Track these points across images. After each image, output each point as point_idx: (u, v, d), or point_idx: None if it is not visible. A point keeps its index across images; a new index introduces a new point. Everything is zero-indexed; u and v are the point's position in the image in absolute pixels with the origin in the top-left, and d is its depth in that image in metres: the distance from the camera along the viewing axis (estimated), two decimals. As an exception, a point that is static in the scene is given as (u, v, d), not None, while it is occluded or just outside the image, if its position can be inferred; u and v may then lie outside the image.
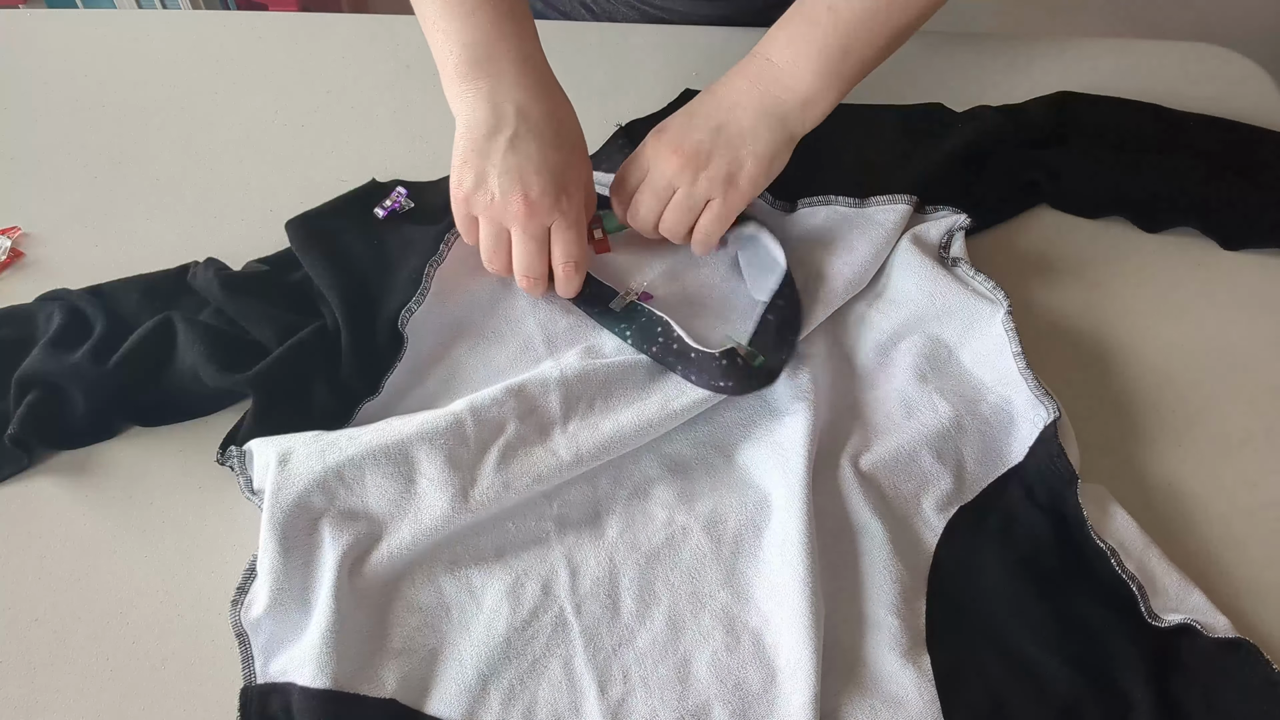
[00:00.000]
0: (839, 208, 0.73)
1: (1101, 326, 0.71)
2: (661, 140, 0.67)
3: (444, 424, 0.59)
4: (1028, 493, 0.61)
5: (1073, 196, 0.77)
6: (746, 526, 0.60)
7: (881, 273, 0.70)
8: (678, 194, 0.67)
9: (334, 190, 0.75)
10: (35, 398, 0.63)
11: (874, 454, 0.62)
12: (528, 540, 0.59)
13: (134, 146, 0.84)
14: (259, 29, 0.95)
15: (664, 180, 0.67)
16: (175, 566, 0.60)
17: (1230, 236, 0.75)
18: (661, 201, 0.67)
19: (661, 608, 0.57)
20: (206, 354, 0.64)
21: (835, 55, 0.66)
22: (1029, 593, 0.57)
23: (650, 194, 0.67)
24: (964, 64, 0.90)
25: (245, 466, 0.61)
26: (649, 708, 0.53)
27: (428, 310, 0.67)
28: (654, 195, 0.67)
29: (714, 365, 0.63)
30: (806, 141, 0.69)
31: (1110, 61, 0.89)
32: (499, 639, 0.55)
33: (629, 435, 0.61)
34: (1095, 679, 0.54)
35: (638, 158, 0.68)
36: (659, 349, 0.65)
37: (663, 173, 0.66)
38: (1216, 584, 0.58)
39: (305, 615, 0.55)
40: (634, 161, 0.69)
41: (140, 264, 0.72)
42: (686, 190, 0.66)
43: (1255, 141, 0.82)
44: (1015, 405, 0.63)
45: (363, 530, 0.57)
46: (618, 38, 0.92)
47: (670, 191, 0.67)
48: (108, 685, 0.55)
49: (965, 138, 0.77)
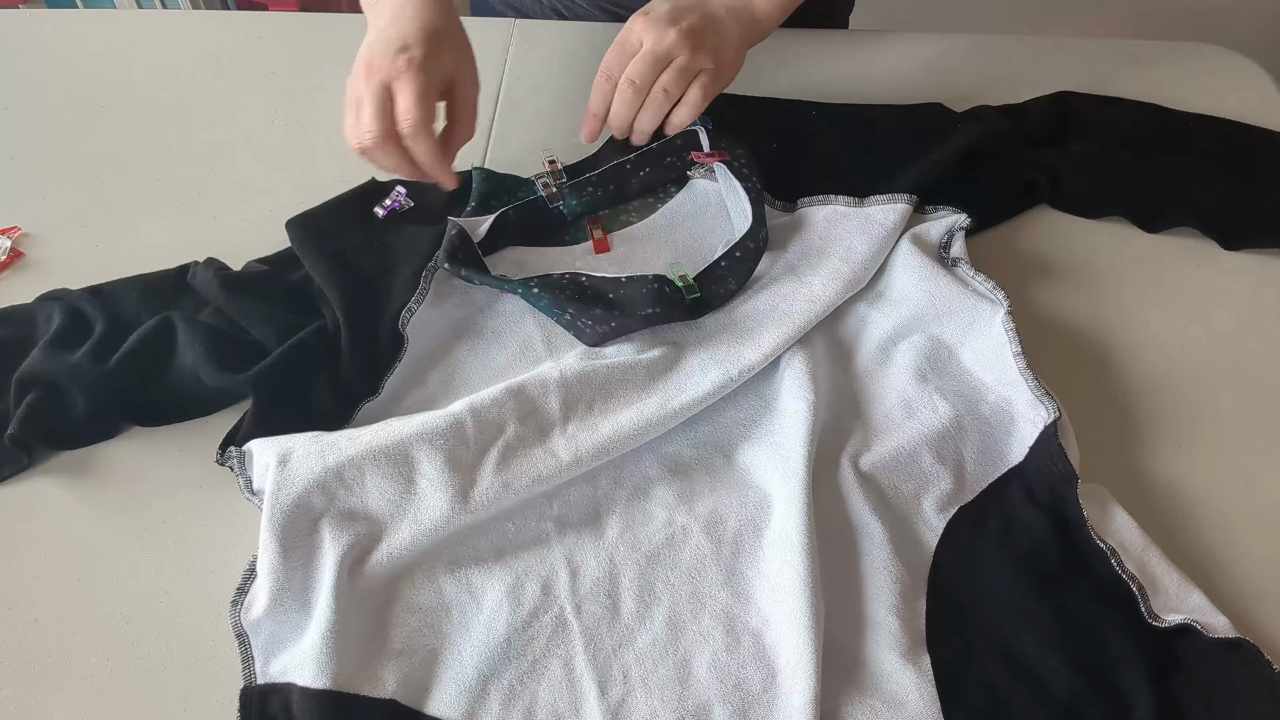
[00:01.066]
0: (839, 207, 0.73)
1: (1101, 326, 0.71)
2: (656, 15, 0.70)
3: (444, 424, 0.59)
4: (1028, 493, 0.61)
5: (1073, 196, 0.77)
6: (746, 526, 0.60)
7: (881, 273, 0.70)
8: (677, 60, 0.70)
9: (334, 190, 0.75)
10: (35, 398, 0.63)
11: (874, 454, 0.62)
12: (528, 540, 0.59)
13: (134, 146, 0.84)
14: (259, 29, 0.95)
15: (663, 48, 0.69)
16: (175, 567, 0.60)
17: (1230, 236, 0.75)
18: (659, 68, 0.70)
19: (661, 608, 0.57)
20: (206, 354, 0.64)
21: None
22: (1029, 593, 0.57)
23: (650, 61, 0.70)
24: (964, 64, 0.90)
25: (245, 467, 0.61)
26: (649, 708, 0.53)
27: (428, 310, 0.67)
28: (654, 61, 0.70)
29: (642, 292, 0.65)
30: (807, 141, 0.69)
31: (1110, 61, 0.89)
32: (499, 639, 0.55)
33: (628, 436, 0.61)
34: (1095, 679, 0.54)
35: (627, 37, 0.71)
36: (569, 295, 0.66)
37: (661, 41, 0.69)
38: (1216, 584, 0.58)
39: (305, 615, 0.55)
40: (624, 41, 0.71)
41: (140, 264, 0.72)
42: (687, 57, 0.70)
43: (1255, 141, 0.82)
44: (1015, 405, 0.63)
45: (362, 530, 0.57)
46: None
47: (669, 59, 0.70)
48: (108, 685, 0.55)
49: (965, 138, 0.77)
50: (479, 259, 0.69)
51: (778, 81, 0.85)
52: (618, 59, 0.71)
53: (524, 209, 0.74)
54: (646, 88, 0.71)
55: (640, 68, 0.70)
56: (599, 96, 0.72)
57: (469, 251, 0.69)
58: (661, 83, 0.70)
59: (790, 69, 0.87)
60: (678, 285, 0.67)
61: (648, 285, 0.66)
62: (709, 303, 0.67)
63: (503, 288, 0.68)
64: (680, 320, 0.66)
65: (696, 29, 0.70)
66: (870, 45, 0.91)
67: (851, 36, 0.93)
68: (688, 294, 0.67)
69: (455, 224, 0.70)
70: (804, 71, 0.88)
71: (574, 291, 0.66)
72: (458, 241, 0.69)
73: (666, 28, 0.69)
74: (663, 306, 0.65)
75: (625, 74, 0.70)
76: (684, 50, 0.69)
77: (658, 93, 0.71)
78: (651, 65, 0.70)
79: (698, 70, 0.71)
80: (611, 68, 0.71)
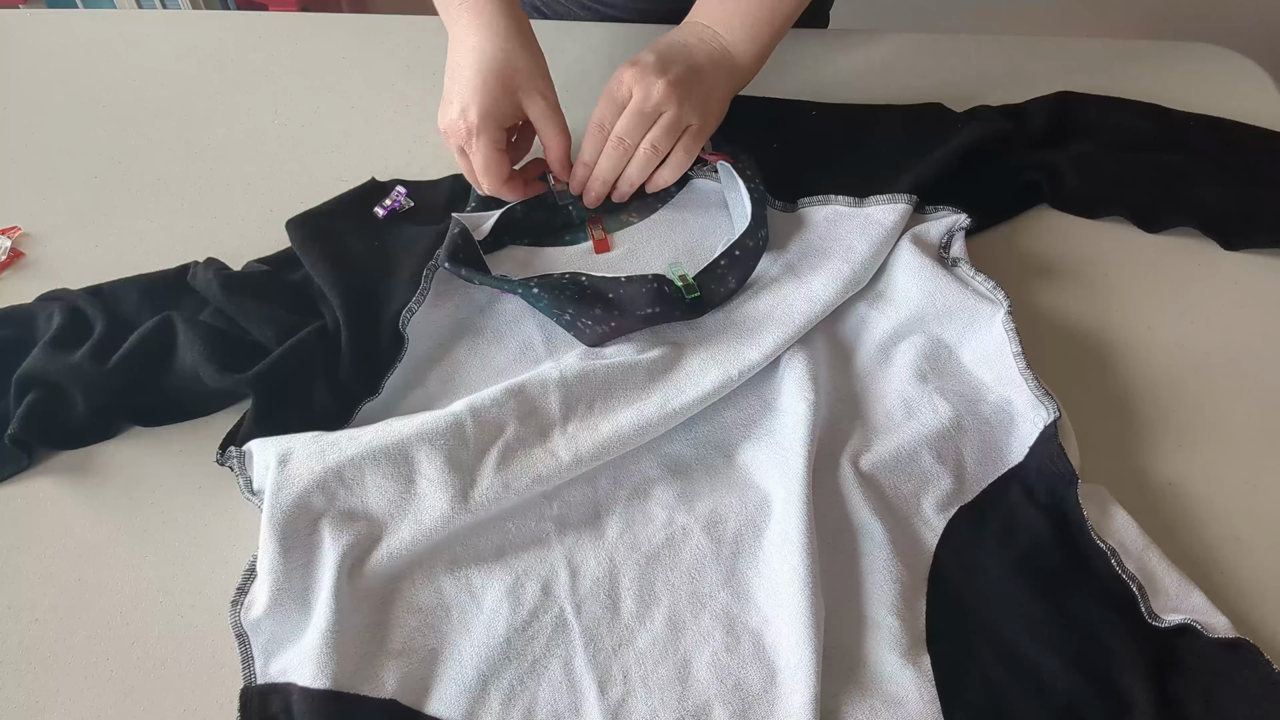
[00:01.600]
0: (839, 207, 0.73)
1: (1101, 326, 0.71)
2: (644, 66, 0.70)
3: (444, 424, 0.59)
4: (1028, 493, 0.61)
5: (1073, 196, 0.77)
6: (746, 527, 0.60)
7: (881, 273, 0.70)
8: (665, 116, 0.70)
9: (334, 190, 0.75)
10: (35, 398, 0.63)
11: (874, 454, 0.62)
12: (528, 541, 0.59)
13: (134, 146, 0.84)
14: (259, 29, 0.95)
15: (651, 104, 0.69)
16: (175, 566, 0.60)
17: (1230, 236, 0.75)
18: (646, 124, 0.70)
19: (661, 608, 0.57)
20: (206, 354, 0.64)
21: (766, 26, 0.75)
22: (1029, 593, 0.57)
23: (638, 117, 0.70)
24: (964, 64, 0.90)
25: (245, 467, 0.61)
26: (649, 708, 0.53)
27: (428, 311, 0.67)
28: (642, 117, 0.70)
29: (642, 292, 0.65)
30: (807, 141, 0.69)
31: (1110, 61, 0.89)
32: (499, 639, 0.55)
33: (628, 436, 0.61)
34: (1095, 679, 0.54)
35: (617, 89, 0.71)
36: (569, 295, 0.65)
37: (649, 96, 0.69)
38: (1216, 584, 0.58)
39: (305, 615, 0.55)
40: (613, 92, 0.71)
41: (140, 264, 0.72)
42: (674, 113, 0.70)
43: (1255, 141, 0.82)
44: (1015, 405, 0.63)
45: (363, 530, 0.57)
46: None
47: (657, 114, 0.70)
48: (108, 685, 0.55)
49: (965, 138, 0.77)
50: (480, 258, 0.69)
51: (779, 82, 0.85)
52: (609, 110, 0.71)
53: (532, 205, 0.74)
54: (635, 145, 0.71)
55: (629, 125, 0.70)
56: (591, 147, 0.72)
57: (471, 250, 0.69)
58: (650, 139, 0.71)
59: (790, 69, 0.87)
60: (678, 285, 0.67)
61: (648, 285, 0.66)
62: (709, 302, 0.67)
63: (502, 288, 0.68)
64: (680, 320, 0.66)
65: (683, 80, 0.70)
66: (872, 45, 0.91)
67: (852, 37, 0.93)
68: (688, 293, 0.67)
69: (459, 221, 0.70)
70: (804, 72, 0.88)
71: (574, 291, 0.66)
72: (460, 240, 0.69)
73: (655, 80, 0.69)
74: (662, 306, 0.65)
75: (615, 130, 0.70)
76: (671, 105, 0.69)
77: (646, 149, 0.71)
78: (639, 122, 0.70)
79: (685, 126, 0.71)
80: (604, 118, 0.71)
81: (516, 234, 0.73)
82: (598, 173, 0.72)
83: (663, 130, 0.70)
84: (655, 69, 0.70)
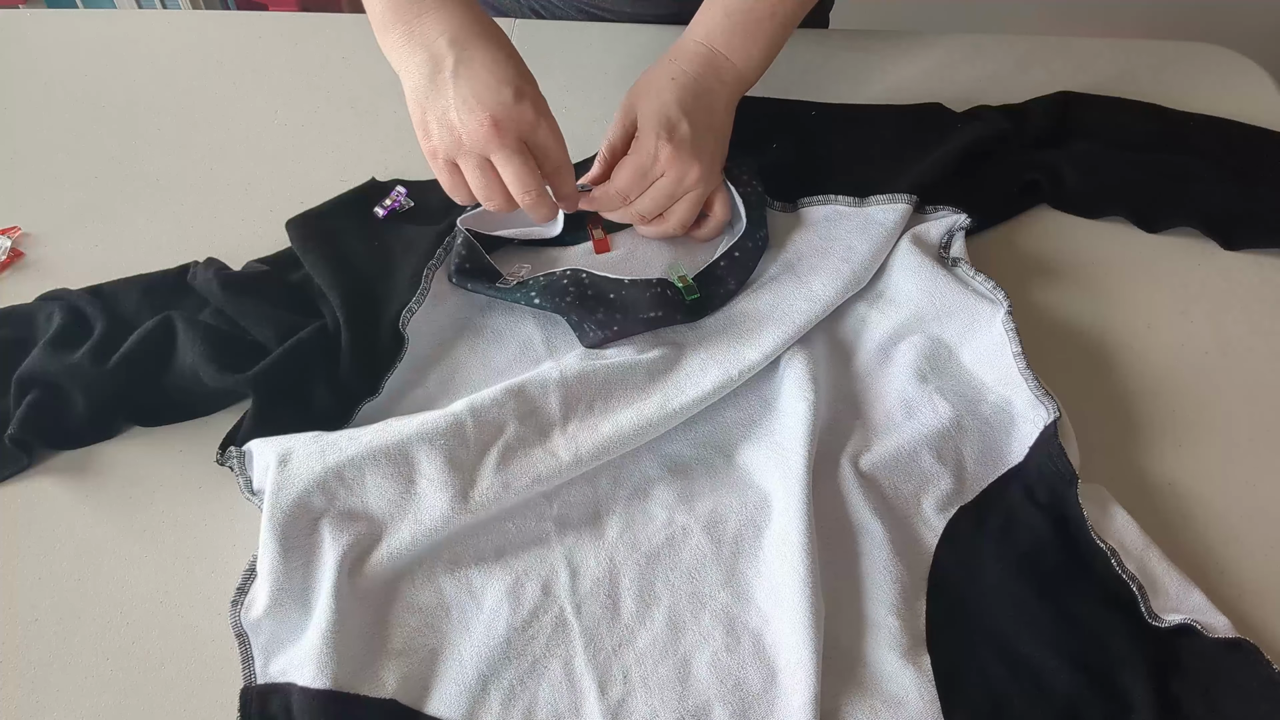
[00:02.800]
0: (839, 207, 0.73)
1: (1101, 326, 0.71)
2: (656, 125, 0.67)
3: (444, 425, 0.59)
4: (1028, 493, 0.61)
5: (1073, 196, 0.77)
6: (746, 526, 0.60)
7: (882, 273, 0.70)
8: (663, 181, 0.68)
9: (334, 190, 0.75)
10: (35, 398, 0.63)
11: (874, 454, 0.62)
12: (528, 540, 0.59)
13: (134, 146, 0.84)
14: (259, 29, 0.95)
15: (658, 167, 0.68)
16: (175, 566, 0.60)
17: (1230, 236, 0.75)
18: (645, 183, 0.69)
19: (661, 608, 0.57)
20: (206, 354, 0.64)
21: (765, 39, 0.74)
22: (1029, 593, 0.57)
23: (637, 173, 0.68)
24: (964, 64, 0.89)
25: (245, 467, 0.61)
26: (649, 708, 0.53)
27: (428, 310, 0.67)
28: (640, 175, 0.68)
29: (644, 296, 0.65)
30: (807, 141, 0.69)
31: (1110, 61, 0.89)
32: (499, 639, 0.55)
33: (628, 436, 0.61)
34: (1095, 679, 0.54)
35: (650, 166, 0.68)
36: (572, 298, 0.65)
37: (652, 155, 0.67)
38: (1216, 584, 0.58)
39: (305, 615, 0.55)
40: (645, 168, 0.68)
41: (140, 264, 0.72)
42: (674, 179, 0.68)
43: (1255, 141, 0.81)
44: (1015, 405, 0.63)
45: (363, 530, 0.57)
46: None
47: (658, 175, 0.68)
48: (108, 685, 0.55)
49: (965, 138, 0.77)
50: (489, 266, 0.69)
51: (779, 82, 0.85)
52: (635, 183, 0.69)
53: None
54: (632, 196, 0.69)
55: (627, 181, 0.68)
56: (600, 166, 0.71)
57: (478, 260, 0.69)
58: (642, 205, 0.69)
59: (790, 69, 0.87)
60: (678, 287, 0.67)
61: (652, 289, 0.66)
62: (708, 304, 0.67)
63: (505, 298, 0.68)
64: (681, 324, 0.67)
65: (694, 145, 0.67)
66: (871, 45, 0.91)
67: (852, 36, 0.93)
68: (687, 294, 0.67)
69: (462, 232, 0.70)
70: (804, 72, 0.88)
71: (576, 294, 0.66)
72: (465, 251, 0.69)
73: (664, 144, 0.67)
74: (665, 310, 0.65)
75: (616, 185, 0.68)
76: (674, 171, 0.67)
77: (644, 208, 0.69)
78: (637, 179, 0.68)
79: (685, 192, 0.69)
80: (615, 142, 0.70)
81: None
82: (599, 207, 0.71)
83: (658, 195, 0.69)
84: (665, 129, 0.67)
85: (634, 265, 0.72)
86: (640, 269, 0.71)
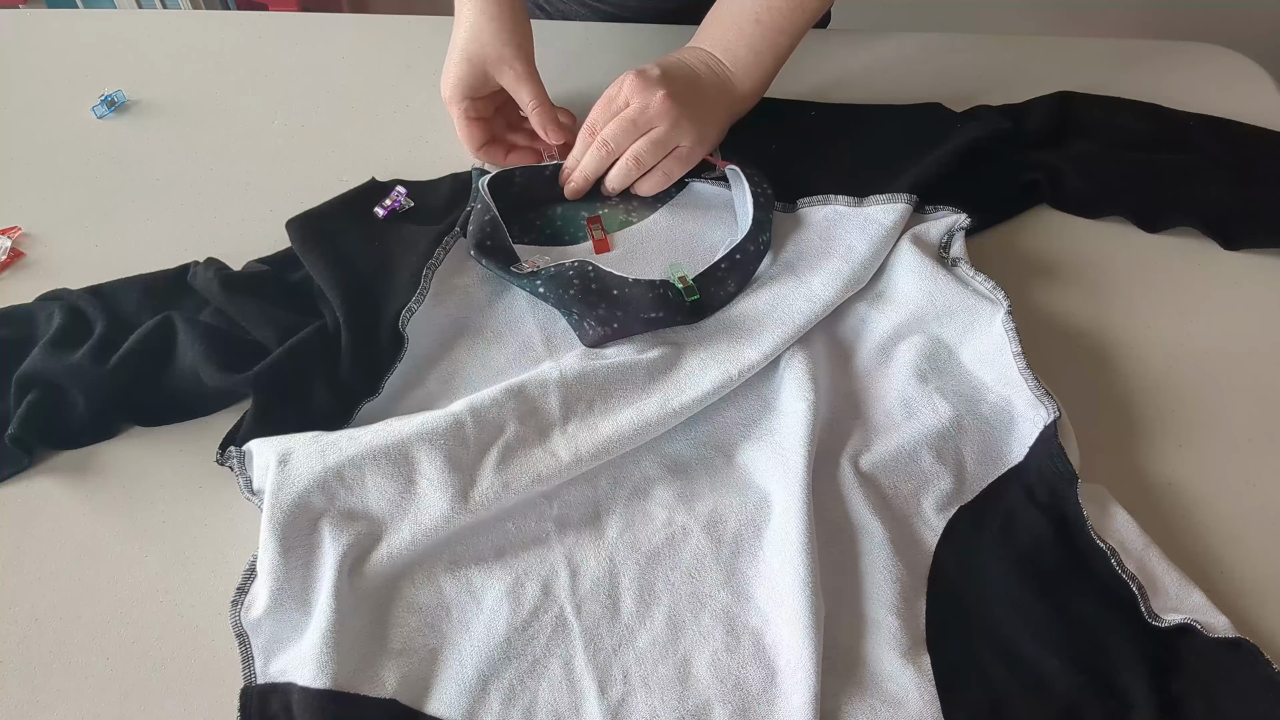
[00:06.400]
0: (839, 207, 0.73)
1: (1101, 326, 0.71)
2: (647, 79, 0.70)
3: (444, 424, 0.59)
4: (1028, 493, 0.61)
5: (1073, 196, 0.77)
6: (746, 526, 0.60)
7: (881, 273, 0.70)
8: (656, 131, 0.70)
9: (334, 190, 0.75)
10: (35, 398, 0.63)
11: (874, 454, 0.62)
12: (528, 540, 0.59)
13: (134, 146, 0.84)
14: (259, 29, 0.95)
15: (645, 116, 0.70)
16: (175, 566, 0.60)
17: (1230, 236, 0.75)
18: (636, 133, 0.71)
19: (661, 608, 0.57)
20: (206, 354, 0.64)
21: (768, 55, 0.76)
22: (1029, 593, 0.57)
23: (628, 126, 0.70)
24: (964, 64, 0.90)
25: (245, 467, 0.61)
26: (649, 708, 0.53)
27: (428, 311, 0.67)
28: (632, 125, 0.70)
29: (646, 296, 0.65)
30: (807, 141, 0.69)
31: (1110, 61, 0.90)
32: (499, 639, 0.55)
33: (628, 436, 0.61)
34: (1095, 679, 0.54)
35: (616, 94, 0.71)
36: (576, 291, 0.66)
37: (645, 108, 0.69)
38: (1216, 584, 0.58)
39: (305, 615, 0.55)
40: (612, 98, 0.72)
41: (140, 264, 0.72)
42: (665, 130, 0.70)
43: (1255, 141, 0.82)
44: (1015, 405, 0.63)
45: (363, 530, 0.57)
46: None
47: (649, 127, 0.70)
48: (108, 685, 0.55)
49: (965, 138, 0.77)
50: (510, 248, 0.70)
51: (780, 82, 0.85)
52: (603, 114, 0.72)
53: (530, 174, 0.75)
54: (620, 151, 0.71)
55: (616, 130, 0.71)
56: (580, 146, 0.73)
57: (500, 240, 0.69)
58: (635, 150, 0.71)
59: (790, 69, 0.87)
60: (678, 287, 0.67)
61: (654, 290, 0.66)
62: (708, 305, 0.67)
63: (514, 282, 0.69)
64: (681, 325, 0.67)
65: (683, 99, 0.70)
66: (871, 45, 0.91)
67: (852, 36, 0.93)
68: (687, 295, 0.67)
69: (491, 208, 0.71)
70: (804, 72, 0.88)
71: (580, 288, 0.66)
72: (490, 229, 0.69)
73: (654, 91, 0.69)
74: (665, 311, 0.65)
75: (602, 133, 0.71)
76: (664, 121, 0.70)
77: (628, 159, 0.71)
78: (628, 130, 0.70)
79: (674, 144, 0.71)
80: (596, 121, 0.72)
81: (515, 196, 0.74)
82: (580, 168, 0.73)
83: (649, 144, 0.71)
84: (657, 82, 0.70)
85: (634, 265, 0.72)
86: (640, 269, 0.71)
